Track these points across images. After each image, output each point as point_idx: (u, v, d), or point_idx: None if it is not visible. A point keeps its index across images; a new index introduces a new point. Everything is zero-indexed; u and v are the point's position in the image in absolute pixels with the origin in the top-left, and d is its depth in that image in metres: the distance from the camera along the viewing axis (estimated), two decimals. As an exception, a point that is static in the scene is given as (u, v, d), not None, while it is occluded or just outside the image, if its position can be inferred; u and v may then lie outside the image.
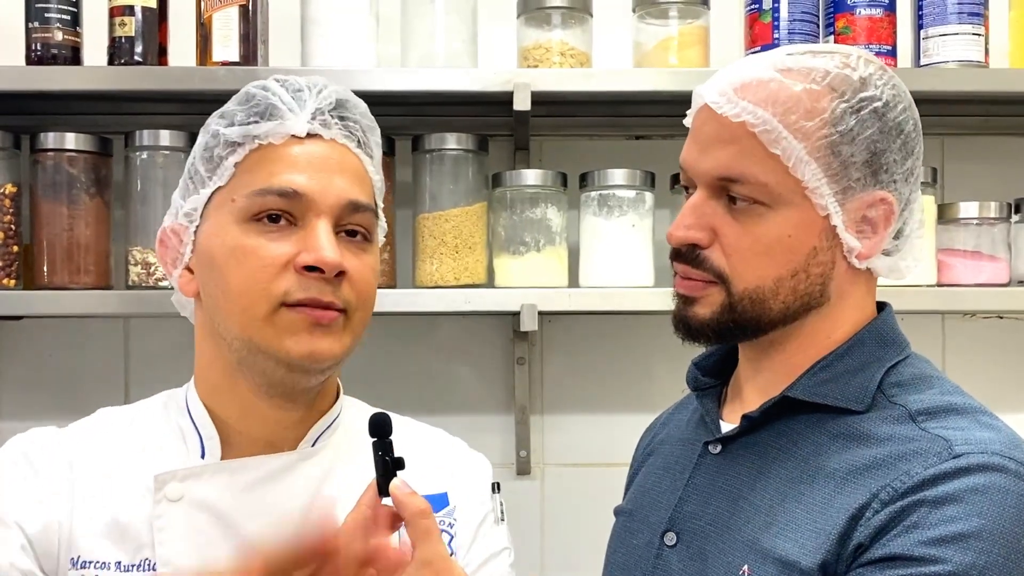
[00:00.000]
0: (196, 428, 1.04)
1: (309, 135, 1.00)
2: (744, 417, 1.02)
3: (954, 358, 1.98)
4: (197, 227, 1.02)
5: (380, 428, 0.93)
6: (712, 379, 1.12)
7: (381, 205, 1.08)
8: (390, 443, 0.93)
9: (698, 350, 1.11)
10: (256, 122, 1.00)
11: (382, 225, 1.08)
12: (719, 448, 1.05)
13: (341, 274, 0.98)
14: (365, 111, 1.07)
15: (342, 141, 1.02)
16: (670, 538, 1.03)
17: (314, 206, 0.98)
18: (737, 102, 0.96)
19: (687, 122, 1.04)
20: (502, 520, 1.12)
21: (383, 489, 0.91)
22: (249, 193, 0.98)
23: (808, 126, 0.95)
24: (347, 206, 1.00)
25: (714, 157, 0.97)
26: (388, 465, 0.91)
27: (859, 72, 0.98)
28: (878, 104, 0.97)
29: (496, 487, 1.13)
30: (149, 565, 0.99)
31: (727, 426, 1.06)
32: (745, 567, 0.95)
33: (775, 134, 0.94)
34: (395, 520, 0.92)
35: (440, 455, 1.12)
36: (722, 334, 1.01)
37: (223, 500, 1.00)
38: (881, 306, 1.06)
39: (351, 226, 1.01)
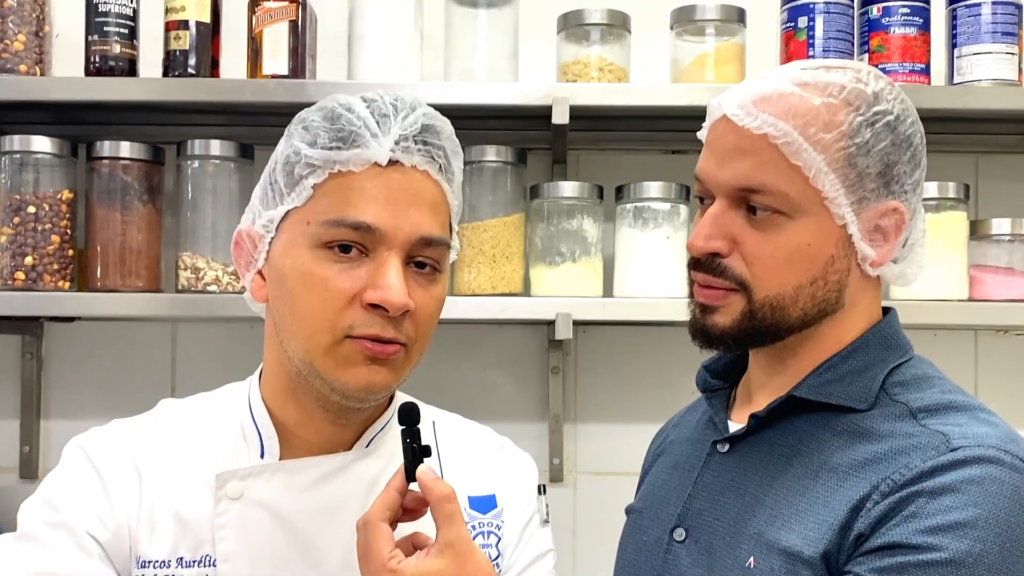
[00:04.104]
0: (257, 428, 1.06)
1: (390, 162, 0.98)
2: (752, 416, 1.05)
3: (987, 374, 1.99)
4: (272, 238, 1.02)
5: (408, 417, 0.97)
6: (721, 381, 1.15)
7: (456, 228, 1.07)
8: (418, 431, 0.96)
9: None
10: (338, 147, 0.98)
11: (455, 246, 1.07)
12: (727, 447, 1.08)
13: (406, 312, 0.97)
14: (451, 135, 1.04)
15: (423, 167, 1.00)
16: (679, 534, 1.07)
17: (386, 240, 0.97)
18: (757, 115, 0.99)
19: (701, 134, 1.07)
20: (546, 522, 1.13)
21: (411, 475, 0.95)
22: (324, 221, 0.97)
23: (827, 138, 0.98)
24: (419, 241, 0.98)
25: (734, 168, 1.00)
26: (416, 452, 0.96)
27: (872, 87, 1.01)
28: (890, 118, 1.00)
29: (542, 488, 1.14)
30: (209, 561, 1.01)
31: (735, 426, 1.09)
32: (751, 559, 0.98)
33: (796, 146, 0.98)
34: (421, 504, 0.96)
35: (488, 457, 1.14)
36: (742, 341, 1.04)
37: (281, 499, 1.02)
38: (886, 311, 1.09)
39: (421, 258, 0.99)
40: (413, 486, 0.96)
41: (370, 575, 0.93)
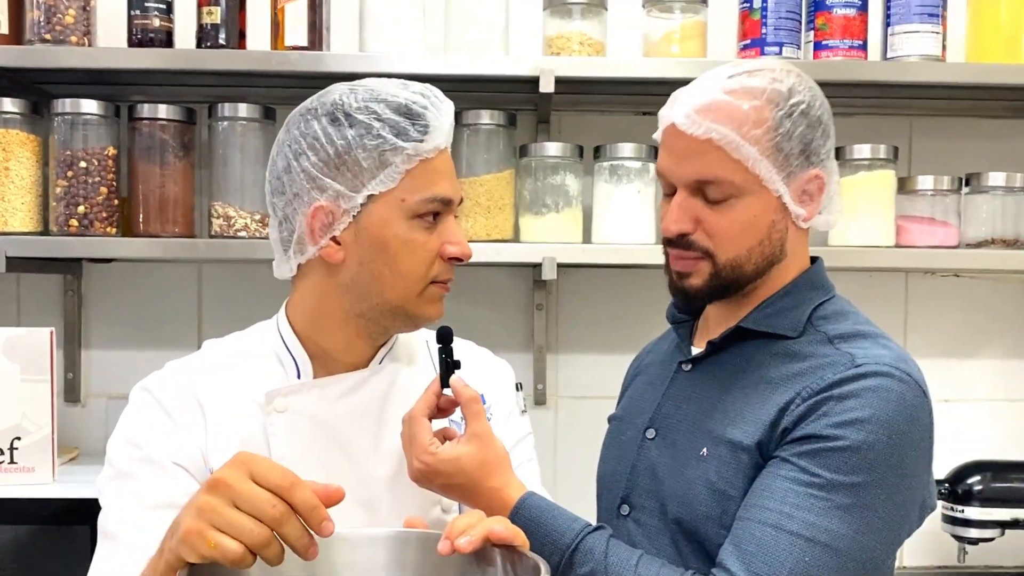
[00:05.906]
0: (291, 354, 1.28)
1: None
2: (709, 343, 1.32)
3: (915, 310, 2.25)
4: (358, 212, 1.19)
5: (445, 338, 1.24)
6: (686, 316, 1.42)
7: None
8: (451, 348, 1.23)
9: None
10: (422, 140, 1.18)
11: None
12: (690, 367, 1.35)
13: None
14: None
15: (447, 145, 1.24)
16: (650, 433, 1.34)
17: (453, 206, 1.23)
18: (701, 123, 1.23)
19: (656, 136, 1.30)
20: (524, 411, 1.40)
21: (444, 382, 1.22)
22: (420, 199, 1.19)
23: (757, 133, 1.22)
24: (459, 202, 1.25)
25: (690, 166, 1.25)
26: (449, 365, 1.23)
27: (785, 83, 1.25)
28: (803, 106, 1.25)
29: (519, 386, 1.42)
30: None
31: (696, 350, 1.37)
32: (704, 449, 1.25)
33: (735, 144, 1.22)
34: (452, 405, 1.23)
35: (476, 365, 1.37)
36: (712, 295, 1.30)
37: (318, 408, 1.25)
38: (814, 259, 1.35)
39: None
40: (446, 391, 1.22)
41: (414, 458, 1.19)
